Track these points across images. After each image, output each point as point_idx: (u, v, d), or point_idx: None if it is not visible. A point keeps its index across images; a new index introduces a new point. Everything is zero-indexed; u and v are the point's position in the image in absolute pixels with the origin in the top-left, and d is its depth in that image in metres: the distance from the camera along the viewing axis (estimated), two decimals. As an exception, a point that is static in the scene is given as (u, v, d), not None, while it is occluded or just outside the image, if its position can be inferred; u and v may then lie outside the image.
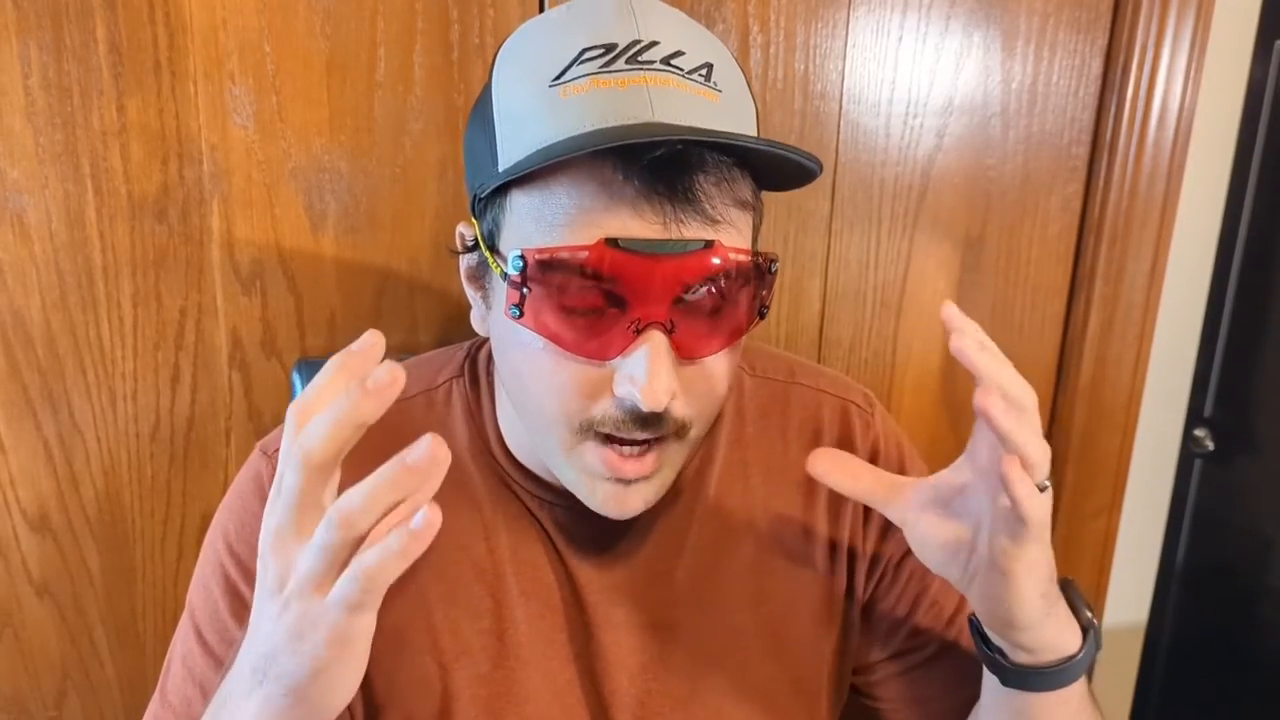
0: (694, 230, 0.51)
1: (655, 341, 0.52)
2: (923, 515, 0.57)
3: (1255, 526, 1.26)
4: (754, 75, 0.99)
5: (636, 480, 0.56)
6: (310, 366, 0.92)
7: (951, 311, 0.50)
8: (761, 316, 0.57)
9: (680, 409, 0.55)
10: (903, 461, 0.71)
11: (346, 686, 0.46)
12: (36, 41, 0.84)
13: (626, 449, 0.55)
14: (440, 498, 0.63)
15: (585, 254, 0.50)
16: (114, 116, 0.87)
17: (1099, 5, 1.06)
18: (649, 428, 0.54)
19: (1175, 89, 1.08)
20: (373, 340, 0.42)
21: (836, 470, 0.59)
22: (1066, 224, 1.12)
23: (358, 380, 0.40)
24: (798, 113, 1.01)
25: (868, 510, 0.69)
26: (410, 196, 0.94)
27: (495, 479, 0.65)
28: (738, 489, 0.68)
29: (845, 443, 0.70)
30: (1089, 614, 0.58)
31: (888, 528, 0.70)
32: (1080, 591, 0.59)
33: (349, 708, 0.63)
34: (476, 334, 0.71)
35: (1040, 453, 0.49)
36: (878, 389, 1.12)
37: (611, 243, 0.50)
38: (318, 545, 0.42)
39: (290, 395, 0.93)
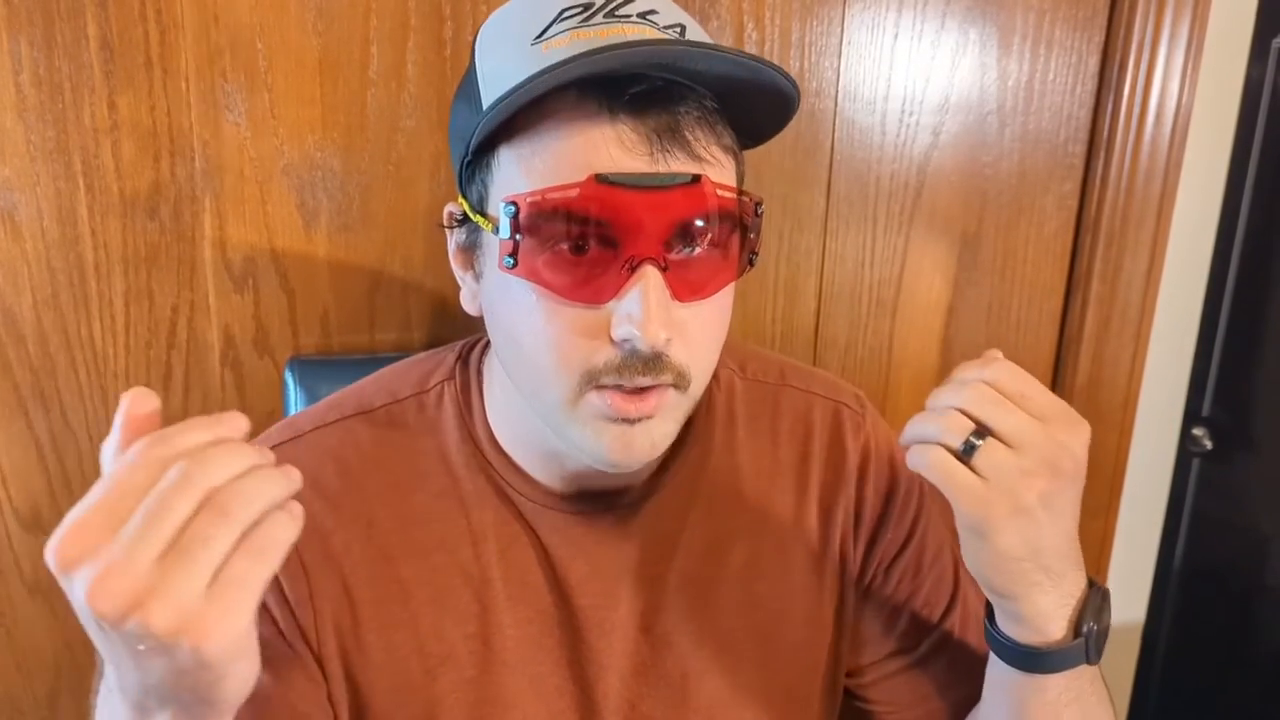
0: (680, 164, 0.52)
1: (650, 278, 0.52)
2: None
3: (1253, 526, 1.25)
4: (749, 72, 0.99)
5: (640, 420, 0.55)
6: (303, 365, 0.92)
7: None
8: (751, 264, 0.58)
9: (678, 353, 0.55)
10: (893, 463, 0.71)
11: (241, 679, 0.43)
12: (27, 38, 0.83)
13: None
14: (427, 503, 0.64)
15: (575, 191, 0.51)
16: (105, 113, 0.86)
17: (1096, 2, 1.05)
18: (650, 372, 0.54)
19: (1172, 87, 1.07)
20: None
21: None
22: (1063, 222, 1.12)
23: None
24: (793, 110, 1.01)
25: (859, 513, 0.69)
26: (403, 194, 0.94)
27: (485, 481, 0.65)
28: (729, 494, 0.68)
29: (836, 444, 0.70)
30: (1091, 625, 0.56)
31: (879, 530, 0.70)
32: (1101, 604, 0.57)
33: (334, 712, 0.62)
34: (469, 335, 0.71)
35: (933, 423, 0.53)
36: (874, 388, 1.12)
37: (600, 178, 0.51)
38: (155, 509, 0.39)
39: (283, 393, 0.93)
